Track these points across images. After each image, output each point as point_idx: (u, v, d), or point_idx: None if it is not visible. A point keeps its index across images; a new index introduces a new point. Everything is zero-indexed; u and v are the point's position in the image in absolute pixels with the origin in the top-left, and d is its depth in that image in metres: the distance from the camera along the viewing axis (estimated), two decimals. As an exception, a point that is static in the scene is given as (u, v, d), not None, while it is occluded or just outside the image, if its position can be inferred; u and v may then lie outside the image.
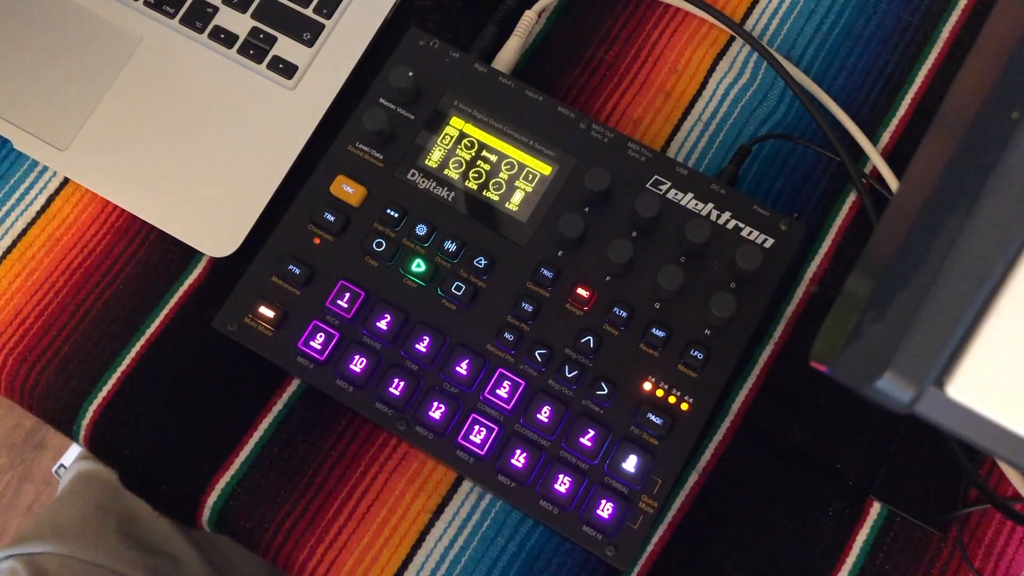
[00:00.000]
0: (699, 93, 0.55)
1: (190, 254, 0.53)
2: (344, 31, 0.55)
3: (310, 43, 0.54)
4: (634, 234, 0.49)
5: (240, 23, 0.55)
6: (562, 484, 0.45)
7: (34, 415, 0.53)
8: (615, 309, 0.47)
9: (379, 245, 0.49)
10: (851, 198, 0.53)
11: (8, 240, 0.54)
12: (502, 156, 0.50)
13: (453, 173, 0.50)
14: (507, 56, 0.54)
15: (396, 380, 0.47)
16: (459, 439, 0.46)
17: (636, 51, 0.56)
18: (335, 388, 0.47)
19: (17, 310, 0.53)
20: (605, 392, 0.46)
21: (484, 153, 0.50)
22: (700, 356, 0.46)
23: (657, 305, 0.48)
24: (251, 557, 0.65)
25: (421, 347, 0.47)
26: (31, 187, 0.55)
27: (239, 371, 0.51)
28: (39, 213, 0.54)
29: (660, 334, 0.47)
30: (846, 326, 0.27)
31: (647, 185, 0.49)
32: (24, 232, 0.54)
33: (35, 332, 0.52)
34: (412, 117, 0.51)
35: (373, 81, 0.52)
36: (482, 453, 0.46)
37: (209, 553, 0.61)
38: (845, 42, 0.55)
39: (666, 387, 0.47)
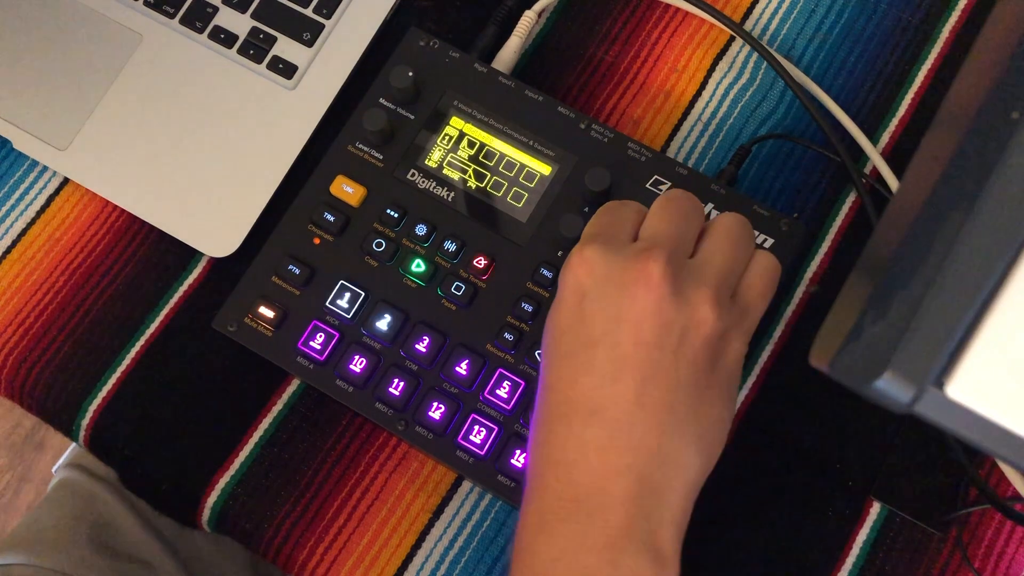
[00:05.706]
0: (699, 93, 0.55)
1: (190, 254, 0.53)
2: (344, 31, 0.55)
3: (310, 43, 0.54)
4: (634, 234, 0.49)
5: (240, 23, 0.55)
6: (562, 484, 0.45)
7: (34, 415, 0.53)
8: (615, 309, 0.47)
9: (379, 245, 0.49)
10: (851, 198, 0.53)
11: (8, 240, 0.54)
12: (502, 156, 0.50)
13: (453, 173, 0.50)
14: (507, 56, 0.54)
15: (396, 380, 0.47)
16: (459, 439, 0.46)
17: (636, 51, 0.56)
18: (335, 388, 0.47)
19: (17, 310, 0.53)
20: (605, 392, 0.46)
21: (484, 153, 0.50)
22: (700, 356, 0.46)
23: (657, 305, 0.48)
24: (239, 566, 0.64)
25: (421, 347, 0.47)
26: (31, 187, 0.55)
27: (239, 371, 0.51)
28: (39, 213, 0.54)
29: (660, 334, 0.47)
30: (846, 326, 0.27)
31: (647, 185, 0.49)
32: (24, 232, 0.54)
33: (35, 332, 0.52)
34: (412, 117, 0.51)
35: (373, 81, 0.52)
36: (482, 453, 0.46)
37: (190, 560, 0.61)
38: (845, 42, 0.55)
39: (666, 387, 0.47)
